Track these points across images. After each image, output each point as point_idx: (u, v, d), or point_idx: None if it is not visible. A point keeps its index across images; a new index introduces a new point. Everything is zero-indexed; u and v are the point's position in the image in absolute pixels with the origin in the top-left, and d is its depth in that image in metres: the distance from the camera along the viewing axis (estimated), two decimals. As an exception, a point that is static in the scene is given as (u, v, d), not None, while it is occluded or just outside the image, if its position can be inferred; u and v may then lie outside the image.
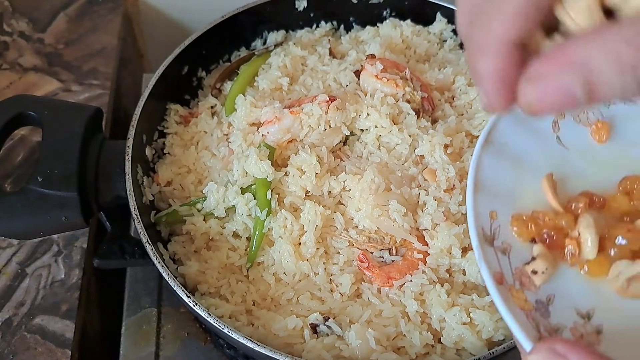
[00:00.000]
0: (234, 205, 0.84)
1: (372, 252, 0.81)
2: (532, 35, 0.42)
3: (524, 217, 0.54)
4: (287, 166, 0.85)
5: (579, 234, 0.52)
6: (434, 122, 0.91)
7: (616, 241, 0.51)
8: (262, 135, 0.87)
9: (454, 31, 1.06)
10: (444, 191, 0.83)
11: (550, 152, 0.58)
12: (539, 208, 0.54)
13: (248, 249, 0.84)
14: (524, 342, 0.47)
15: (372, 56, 0.95)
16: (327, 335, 0.77)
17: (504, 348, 0.73)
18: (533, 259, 0.52)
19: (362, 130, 0.89)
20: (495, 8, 0.41)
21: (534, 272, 0.51)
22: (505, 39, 0.41)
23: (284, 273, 0.82)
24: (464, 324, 0.76)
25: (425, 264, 0.81)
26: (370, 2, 1.07)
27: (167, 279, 0.76)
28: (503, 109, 0.44)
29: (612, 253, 0.51)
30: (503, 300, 0.49)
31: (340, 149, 0.89)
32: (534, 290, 0.51)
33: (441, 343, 0.78)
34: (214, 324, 0.72)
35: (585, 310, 0.51)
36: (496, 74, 0.42)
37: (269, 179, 0.83)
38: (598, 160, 0.58)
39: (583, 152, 0.59)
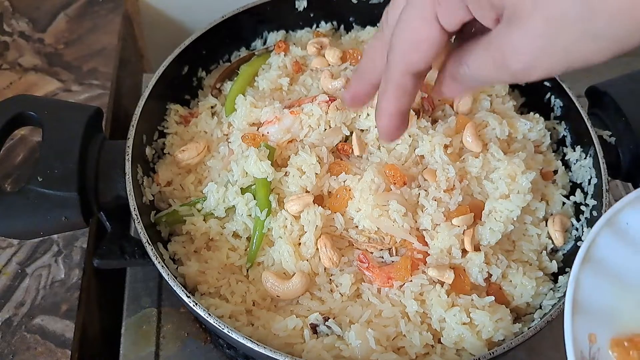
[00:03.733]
0: (234, 205, 0.84)
1: (372, 252, 0.81)
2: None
3: (625, 343, 0.51)
4: (287, 166, 0.85)
5: None
6: (434, 122, 0.91)
7: None
8: (262, 135, 0.87)
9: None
10: (444, 191, 0.83)
11: None
12: None
13: (248, 249, 0.84)
14: None
15: (372, 56, 0.95)
16: (327, 335, 0.77)
17: (503, 348, 0.73)
18: None
19: (362, 131, 0.89)
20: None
21: None
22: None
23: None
24: (464, 324, 0.76)
25: (425, 264, 0.81)
26: (370, 2, 1.07)
27: (167, 279, 0.76)
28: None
29: None
30: None
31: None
32: None
33: (441, 343, 0.78)
34: (214, 324, 0.72)
35: None
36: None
37: (269, 179, 0.83)
38: None
39: None
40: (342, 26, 1.10)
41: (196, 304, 0.73)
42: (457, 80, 0.54)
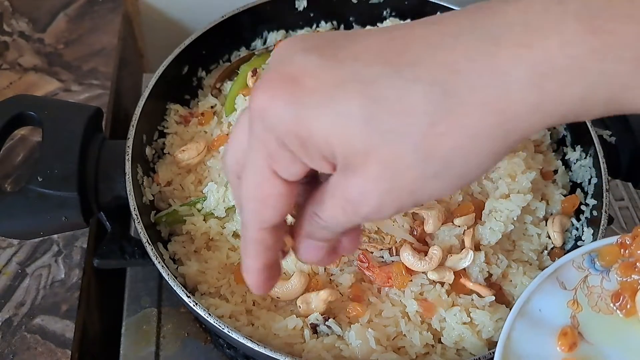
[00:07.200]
0: (234, 205, 0.84)
1: (372, 252, 0.81)
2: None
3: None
4: (287, 166, 0.85)
5: None
6: (434, 122, 0.91)
7: None
8: (262, 135, 0.87)
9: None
10: (444, 191, 0.83)
11: None
12: None
13: (248, 249, 0.84)
14: None
15: (372, 56, 0.95)
16: (327, 335, 0.77)
17: (504, 348, 0.73)
18: None
19: (362, 130, 0.89)
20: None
21: None
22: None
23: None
24: (464, 324, 0.77)
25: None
26: (370, 2, 1.07)
27: (167, 279, 0.76)
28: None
29: None
30: None
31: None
32: None
33: (441, 343, 0.78)
34: (214, 324, 0.72)
35: None
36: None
37: (269, 179, 0.82)
38: None
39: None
40: (342, 26, 1.10)
41: (196, 304, 0.73)
42: (316, 236, 0.50)
